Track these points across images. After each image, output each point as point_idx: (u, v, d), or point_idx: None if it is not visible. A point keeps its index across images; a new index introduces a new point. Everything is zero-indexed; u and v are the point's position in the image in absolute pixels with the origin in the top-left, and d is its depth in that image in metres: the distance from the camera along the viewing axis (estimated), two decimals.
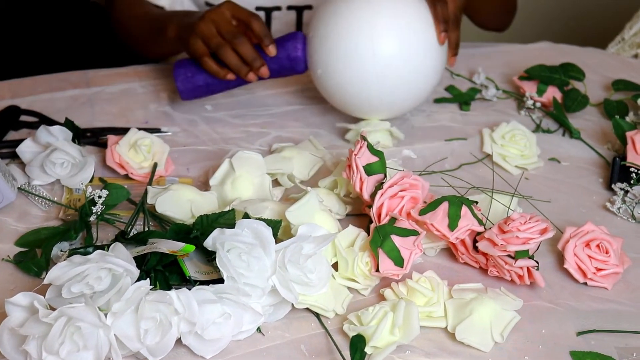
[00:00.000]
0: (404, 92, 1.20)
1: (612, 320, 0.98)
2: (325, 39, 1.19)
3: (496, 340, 0.94)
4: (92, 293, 0.88)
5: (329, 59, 1.19)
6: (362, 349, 0.90)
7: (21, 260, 1.00)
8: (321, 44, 1.19)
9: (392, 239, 0.98)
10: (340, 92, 1.21)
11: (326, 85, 1.22)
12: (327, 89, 1.22)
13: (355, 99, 1.21)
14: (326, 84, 1.22)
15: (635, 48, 1.54)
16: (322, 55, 1.19)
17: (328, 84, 1.21)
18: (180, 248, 0.92)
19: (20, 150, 1.14)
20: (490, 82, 1.37)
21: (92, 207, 1.02)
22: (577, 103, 1.32)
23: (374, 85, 1.18)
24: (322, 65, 1.20)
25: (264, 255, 0.92)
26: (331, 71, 1.19)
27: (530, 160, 1.21)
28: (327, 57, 1.19)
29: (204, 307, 0.89)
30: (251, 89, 1.35)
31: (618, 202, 1.14)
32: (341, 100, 1.22)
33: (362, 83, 1.18)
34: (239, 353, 0.91)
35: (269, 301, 0.94)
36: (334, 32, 1.18)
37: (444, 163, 1.21)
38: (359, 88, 1.19)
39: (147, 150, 1.15)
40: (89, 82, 1.35)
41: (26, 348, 0.85)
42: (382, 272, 0.97)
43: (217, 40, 1.20)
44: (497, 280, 1.01)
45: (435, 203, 1.00)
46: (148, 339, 0.87)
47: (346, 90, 1.20)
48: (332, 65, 1.19)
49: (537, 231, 0.97)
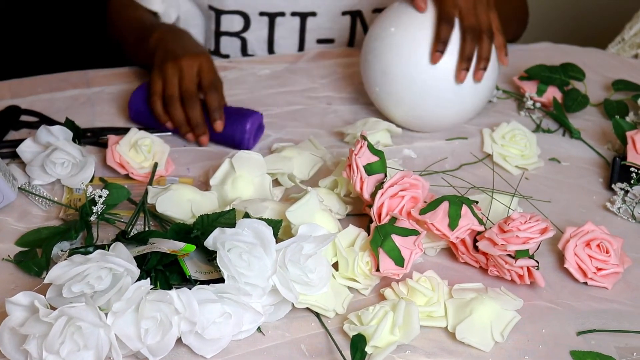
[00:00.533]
0: (457, 105, 1.22)
1: (612, 320, 0.98)
2: (379, 57, 1.21)
3: (496, 340, 0.94)
4: (93, 292, 0.88)
5: (384, 78, 1.21)
6: (362, 349, 0.90)
7: (21, 259, 1.00)
8: (376, 61, 1.21)
9: (392, 238, 0.98)
10: (398, 108, 1.23)
11: (384, 104, 1.24)
12: (386, 107, 1.25)
13: (412, 114, 1.23)
14: (383, 102, 1.24)
15: (636, 48, 1.54)
16: (377, 73, 1.21)
17: (385, 102, 1.24)
18: (180, 248, 0.92)
19: (20, 150, 1.14)
20: None
21: (92, 207, 1.02)
22: (577, 103, 1.32)
23: (429, 100, 1.20)
24: (378, 83, 1.22)
25: (264, 255, 0.92)
26: (387, 90, 1.22)
27: (531, 161, 1.21)
28: (383, 75, 1.21)
29: (205, 306, 0.89)
30: (251, 89, 1.35)
31: (618, 202, 1.14)
32: (400, 116, 1.24)
33: (418, 99, 1.21)
34: (239, 353, 0.91)
35: (269, 301, 0.94)
36: (388, 49, 1.20)
37: (444, 163, 1.21)
38: (414, 104, 1.21)
39: (148, 150, 1.15)
40: (89, 82, 1.35)
41: (27, 347, 0.85)
42: (382, 272, 0.97)
43: (172, 91, 1.21)
44: (498, 280, 1.01)
45: (436, 202, 1.00)
46: (148, 338, 0.87)
47: (403, 106, 1.22)
48: (387, 83, 1.21)
49: (537, 231, 0.97)
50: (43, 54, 1.81)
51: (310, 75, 1.38)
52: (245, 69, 1.39)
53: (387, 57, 1.20)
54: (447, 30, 1.18)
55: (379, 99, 1.24)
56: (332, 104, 1.33)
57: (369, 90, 1.26)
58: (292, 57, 1.44)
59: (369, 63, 1.23)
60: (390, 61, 1.20)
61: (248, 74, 1.38)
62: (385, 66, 1.20)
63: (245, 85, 1.36)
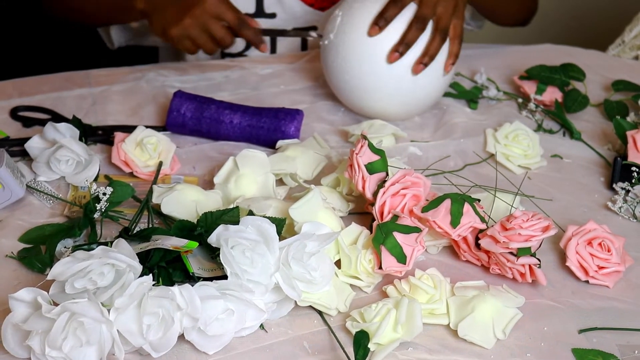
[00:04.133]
0: (414, 96, 1.23)
1: (613, 318, 0.98)
2: (342, 43, 1.21)
3: (498, 337, 0.94)
4: (95, 289, 0.88)
5: (345, 62, 1.21)
6: (365, 345, 0.90)
7: (25, 256, 1.00)
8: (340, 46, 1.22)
9: (394, 236, 0.98)
10: (354, 93, 1.24)
11: (340, 87, 1.25)
12: (341, 90, 1.25)
13: (368, 101, 1.24)
14: (341, 85, 1.24)
15: (636, 50, 1.54)
16: (339, 56, 1.22)
17: (343, 85, 1.24)
18: (183, 244, 0.92)
19: (28, 147, 1.14)
20: (491, 83, 1.37)
21: (96, 204, 1.02)
22: (578, 103, 1.32)
23: (387, 90, 1.21)
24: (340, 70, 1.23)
25: (267, 252, 0.92)
26: (347, 73, 1.22)
27: (534, 160, 1.21)
28: (344, 60, 1.21)
29: (207, 302, 0.89)
30: (257, 87, 1.35)
31: (619, 201, 1.14)
32: (353, 101, 1.25)
33: (376, 88, 1.21)
34: (241, 349, 0.91)
35: (272, 298, 0.94)
36: (351, 37, 1.20)
37: (449, 161, 1.21)
38: (373, 92, 1.22)
39: (153, 149, 1.15)
40: (91, 81, 1.35)
41: (29, 343, 0.86)
42: (385, 269, 0.97)
43: (210, 49, 1.25)
44: (499, 278, 1.01)
45: (438, 200, 1.01)
46: (151, 334, 0.87)
47: (361, 92, 1.23)
48: (347, 67, 1.21)
49: (539, 229, 0.97)
50: (40, 54, 1.81)
51: (312, 73, 1.38)
52: (248, 68, 1.39)
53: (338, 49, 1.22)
54: (392, 9, 1.17)
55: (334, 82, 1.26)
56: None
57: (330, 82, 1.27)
58: (293, 56, 1.44)
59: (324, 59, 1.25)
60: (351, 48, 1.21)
61: (250, 74, 1.38)
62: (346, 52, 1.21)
63: (249, 84, 1.36)
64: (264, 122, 1.21)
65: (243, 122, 1.21)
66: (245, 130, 1.22)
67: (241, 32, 1.26)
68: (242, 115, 1.22)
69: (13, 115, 1.25)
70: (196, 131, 1.23)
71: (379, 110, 1.25)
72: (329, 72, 1.26)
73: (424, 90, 1.23)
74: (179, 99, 1.22)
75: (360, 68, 1.21)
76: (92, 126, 1.21)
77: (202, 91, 1.30)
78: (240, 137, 1.22)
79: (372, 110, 1.25)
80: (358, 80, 1.22)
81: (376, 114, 1.25)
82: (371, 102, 1.24)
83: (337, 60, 1.23)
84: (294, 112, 1.22)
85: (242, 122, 1.21)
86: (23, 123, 1.24)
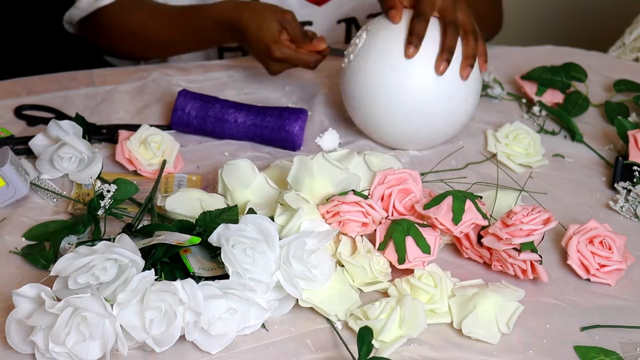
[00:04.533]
0: (440, 123, 1.19)
1: (615, 315, 0.99)
2: (359, 70, 1.18)
3: (503, 331, 0.94)
4: (98, 284, 0.88)
5: (364, 92, 1.18)
6: (369, 342, 0.89)
7: (29, 252, 1.00)
8: (356, 74, 1.18)
9: (416, 227, 0.98)
10: (376, 124, 1.20)
11: (363, 119, 1.21)
12: (363, 122, 1.22)
13: (391, 130, 1.20)
14: (362, 117, 1.21)
15: (636, 52, 1.55)
16: (356, 85, 1.18)
17: (364, 117, 1.20)
18: (186, 240, 0.92)
19: (32, 144, 1.15)
20: (496, 84, 1.37)
21: (100, 202, 1.03)
22: (578, 107, 1.32)
23: (410, 117, 1.17)
24: (357, 97, 1.19)
25: (268, 251, 0.93)
26: (366, 104, 1.18)
27: (535, 159, 1.21)
28: (362, 89, 1.18)
29: (210, 302, 0.89)
30: (262, 86, 1.35)
31: (621, 200, 1.15)
32: (378, 132, 1.22)
33: (399, 115, 1.17)
34: (244, 347, 0.92)
35: (274, 296, 0.94)
36: (369, 64, 1.16)
37: (450, 160, 1.21)
38: (395, 120, 1.18)
39: (157, 147, 1.15)
40: (94, 81, 1.35)
41: (33, 339, 0.86)
42: (411, 261, 0.97)
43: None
44: (501, 275, 1.02)
45: (440, 198, 1.01)
46: (153, 328, 0.87)
47: (382, 122, 1.19)
48: (367, 97, 1.18)
49: (540, 222, 0.97)
50: (36, 54, 1.82)
51: (317, 72, 1.38)
52: (252, 67, 1.39)
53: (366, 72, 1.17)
54: (420, 26, 1.14)
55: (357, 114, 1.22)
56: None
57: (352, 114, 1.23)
58: None
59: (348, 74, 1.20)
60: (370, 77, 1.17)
61: (255, 73, 1.38)
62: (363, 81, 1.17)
63: (254, 83, 1.36)
64: (268, 121, 1.21)
65: (247, 121, 1.22)
66: (250, 130, 1.22)
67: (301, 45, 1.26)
68: (247, 114, 1.22)
69: (17, 114, 1.26)
70: (201, 130, 1.23)
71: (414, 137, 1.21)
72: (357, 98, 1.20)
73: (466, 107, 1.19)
74: (183, 98, 1.23)
75: (397, 97, 1.16)
76: (96, 125, 1.21)
77: (208, 90, 1.30)
78: (244, 136, 1.23)
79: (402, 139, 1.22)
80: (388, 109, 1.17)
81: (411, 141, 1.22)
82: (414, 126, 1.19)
83: (365, 88, 1.17)
84: (298, 112, 1.22)
85: (247, 121, 1.22)
86: (28, 122, 1.24)
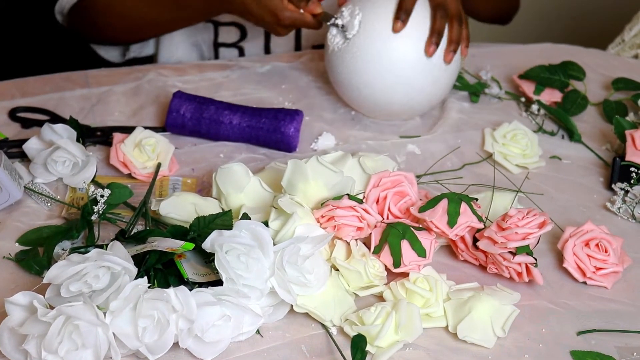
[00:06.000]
0: (417, 96, 1.22)
1: (612, 319, 0.98)
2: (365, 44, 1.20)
3: (498, 335, 0.94)
4: (91, 292, 0.88)
5: (350, 61, 1.21)
6: (363, 349, 0.89)
7: (22, 258, 1.00)
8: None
9: (412, 230, 0.98)
10: (358, 91, 1.23)
11: (344, 85, 1.24)
12: (344, 88, 1.25)
13: (372, 99, 1.23)
14: (344, 82, 1.24)
15: (636, 49, 1.54)
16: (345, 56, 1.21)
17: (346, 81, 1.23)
18: (179, 246, 0.92)
19: (26, 148, 1.14)
20: (494, 82, 1.37)
21: (94, 206, 1.02)
22: (576, 106, 1.32)
23: (391, 88, 1.21)
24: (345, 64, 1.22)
25: (262, 257, 0.92)
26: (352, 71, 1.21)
27: (532, 160, 1.21)
28: (350, 59, 1.21)
29: (204, 309, 0.89)
30: (257, 86, 1.35)
31: (618, 202, 1.14)
32: (358, 99, 1.25)
33: (381, 86, 1.21)
34: (239, 354, 0.91)
35: (268, 302, 0.94)
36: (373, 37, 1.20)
37: (446, 161, 1.21)
38: (377, 90, 1.21)
39: (152, 150, 1.15)
40: (89, 82, 1.34)
41: (26, 347, 0.86)
42: (406, 265, 0.97)
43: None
44: (497, 278, 1.01)
45: (435, 200, 1.01)
46: (146, 337, 0.87)
47: (364, 91, 1.22)
48: (352, 65, 1.21)
49: (536, 225, 0.97)
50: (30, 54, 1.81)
51: (312, 72, 1.38)
52: (247, 67, 1.39)
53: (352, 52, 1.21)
54: (408, 2, 1.18)
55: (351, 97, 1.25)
56: None
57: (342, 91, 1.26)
58: (290, 56, 1.43)
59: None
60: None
61: (250, 73, 1.38)
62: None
63: (249, 84, 1.36)
64: (263, 122, 1.21)
65: (242, 122, 1.21)
66: (245, 131, 1.21)
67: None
68: (242, 115, 1.22)
69: (12, 116, 1.25)
70: (196, 132, 1.23)
71: (399, 108, 1.24)
72: (344, 72, 1.23)
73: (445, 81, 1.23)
74: (178, 100, 1.22)
75: (384, 67, 1.20)
76: (90, 127, 1.21)
77: (204, 91, 1.30)
78: (239, 138, 1.22)
79: (386, 110, 1.25)
80: (381, 79, 1.20)
81: (393, 112, 1.25)
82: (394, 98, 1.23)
83: (356, 61, 1.21)
84: (293, 113, 1.21)
85: (242, 122, 1.21)
86: (22, 124, 1.24)
